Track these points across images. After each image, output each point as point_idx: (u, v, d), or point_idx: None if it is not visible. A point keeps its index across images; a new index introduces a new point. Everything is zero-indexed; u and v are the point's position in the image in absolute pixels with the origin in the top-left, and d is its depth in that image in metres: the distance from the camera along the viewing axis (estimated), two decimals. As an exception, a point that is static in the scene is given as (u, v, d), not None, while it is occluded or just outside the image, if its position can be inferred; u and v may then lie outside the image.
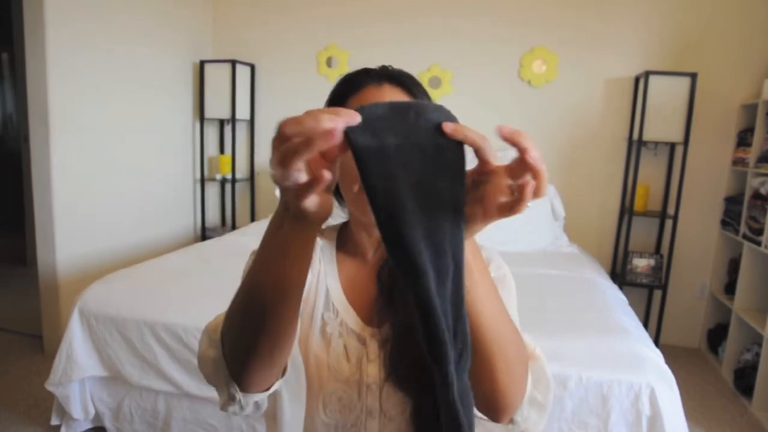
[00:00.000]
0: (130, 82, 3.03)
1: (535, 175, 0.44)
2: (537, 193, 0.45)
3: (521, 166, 0.45)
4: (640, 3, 3.06)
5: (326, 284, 0.77)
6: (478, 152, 0.46)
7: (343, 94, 0.73)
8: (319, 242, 0.80)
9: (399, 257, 0.47)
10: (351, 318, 0.74)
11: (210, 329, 0.65)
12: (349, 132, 0.45)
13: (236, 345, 0.59)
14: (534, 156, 0.44)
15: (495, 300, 0.57)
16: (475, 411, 0.62)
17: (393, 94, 0.70)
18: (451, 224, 0.47)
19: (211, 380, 0.65)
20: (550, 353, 1.74)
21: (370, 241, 0.77)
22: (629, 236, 3.04)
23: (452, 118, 0.47)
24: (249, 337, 0.56)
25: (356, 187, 0.67)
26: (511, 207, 0.46)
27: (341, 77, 0.76)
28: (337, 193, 0.77)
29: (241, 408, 0.64)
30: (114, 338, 1.88)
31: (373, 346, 0.72)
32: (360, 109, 0.46)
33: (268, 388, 0.63)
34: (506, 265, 0.77)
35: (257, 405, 0.66)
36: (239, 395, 0.62)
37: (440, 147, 0.46)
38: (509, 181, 0.46)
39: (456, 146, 0.46)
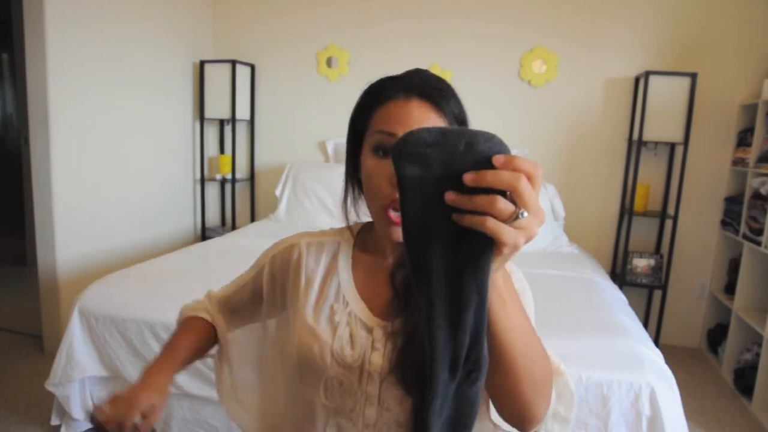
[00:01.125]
0: (130, 82, 3.03)
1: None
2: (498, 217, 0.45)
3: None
4: (640, 3, 3.06)
5: (339, 279, 0.79)
6: (512, 193, 0.46)
7: (369, 105, 0.73)
8: (334, 241, 0.84)
9: (419, 282, 0.50)
10: (361, 309, 0.76)
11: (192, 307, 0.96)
12: (396, 159, 0.47)
13: None
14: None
15: (525, 325, 0.58)
16: (501, 422, 0.67)
17: (420, 111, 0.68)
18: (479, 258, 0.47)
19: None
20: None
21: (391, 243, 0.78)
22: (629, 236, 3.04)
23: (504, 149, 0.46)
24: None
25: (377, 204, 0.70)
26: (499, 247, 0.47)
27: (370, 84, 0.74)
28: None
29: None
30: (114, 338, 1.88)
31: (380, 337, 0.73)
32: (409, 134, 0.47)
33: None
34: (525, 278, 0.78)
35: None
36: None
37: None
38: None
39: None
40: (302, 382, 0.78)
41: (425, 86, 0.69)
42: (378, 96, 0.72)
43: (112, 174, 2.94)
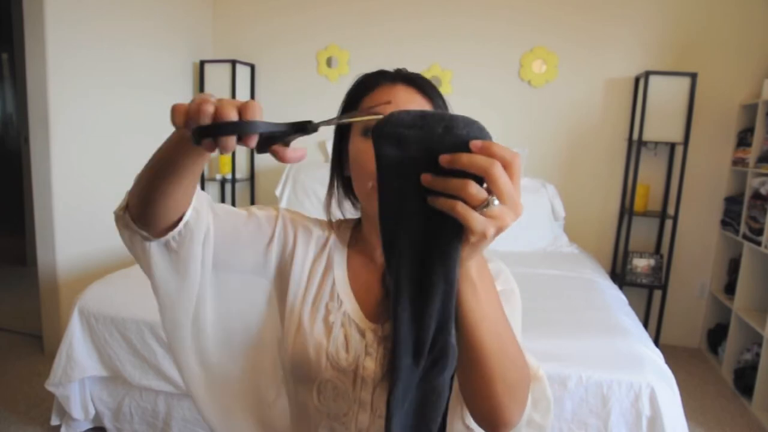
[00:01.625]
0: (131, 82, 3.03)
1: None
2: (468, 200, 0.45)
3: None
4: (640, 3, 3.06)
5: (333, 276, 0.78)
6: (487, 180, 0.45)
7: (355, 97, 0.75)
8: (332, 237, 0.82)
9: (389, 262, 0.50)
10: (354, 310, 0.75)
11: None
12: (375, 138, 0.47)
13: (139, 186, 0.68)
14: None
15: (500, 320, 0.56)
16: (475, 426, 0.65)
17: (406, 94, 0.71)
18: (448, 244, 0.47)
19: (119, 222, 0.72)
20: (550, 353, 1.73)
21: (380, 241, 0.77)
22: (629, 236, 3.04)
23: (484, 135, 0.46)
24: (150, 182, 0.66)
25: (370, 184, 0.69)
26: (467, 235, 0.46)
27: (358, 77, 0.77)
28: (351, 191, 0.80)
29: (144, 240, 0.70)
30: (114, 338, 1.88)
31: (373, 342, 0.72)
32: (390, 115, 0.47)
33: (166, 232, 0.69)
34: (514, 281, 0.76)
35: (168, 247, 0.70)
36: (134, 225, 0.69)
37: None
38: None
39: None
40: (295, 382, 0.77)
41: (410, 75, 0.74)
42: (364, 87, 0.74)
43: (112, 174, 2.94)
